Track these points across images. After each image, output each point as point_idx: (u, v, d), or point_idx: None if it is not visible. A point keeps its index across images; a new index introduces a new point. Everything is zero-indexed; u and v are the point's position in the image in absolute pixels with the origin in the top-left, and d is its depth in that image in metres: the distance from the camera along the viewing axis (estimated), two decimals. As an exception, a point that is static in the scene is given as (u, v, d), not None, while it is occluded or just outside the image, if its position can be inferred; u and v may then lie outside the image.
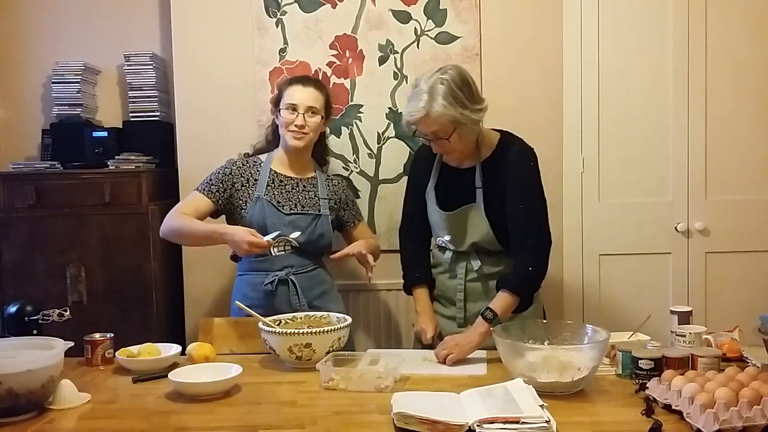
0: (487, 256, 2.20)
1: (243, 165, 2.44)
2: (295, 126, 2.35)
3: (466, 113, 2.03)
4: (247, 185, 2.39)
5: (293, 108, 2.36)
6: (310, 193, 2.44)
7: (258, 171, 2.42)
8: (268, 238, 2.20)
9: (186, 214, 2.32)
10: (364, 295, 3.00)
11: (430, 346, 2.15)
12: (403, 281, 2.35)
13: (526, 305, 2.14)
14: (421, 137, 2.13)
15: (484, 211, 2.15)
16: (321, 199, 2.44)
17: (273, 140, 2.52)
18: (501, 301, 2.07)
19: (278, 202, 2.38)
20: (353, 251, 2.35)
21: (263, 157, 2.47)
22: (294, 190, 2.42)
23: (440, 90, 2.00)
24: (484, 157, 2.18)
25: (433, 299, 2.31)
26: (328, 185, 2.50)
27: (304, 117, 2.35)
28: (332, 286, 2.52)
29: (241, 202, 2.38)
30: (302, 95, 2.37)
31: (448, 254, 2.25)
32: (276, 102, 2.43)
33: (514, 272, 2.11)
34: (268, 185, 2.39)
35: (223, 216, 2.44)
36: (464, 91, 2.04)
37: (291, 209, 2.38)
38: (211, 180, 2.40)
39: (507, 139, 2.20)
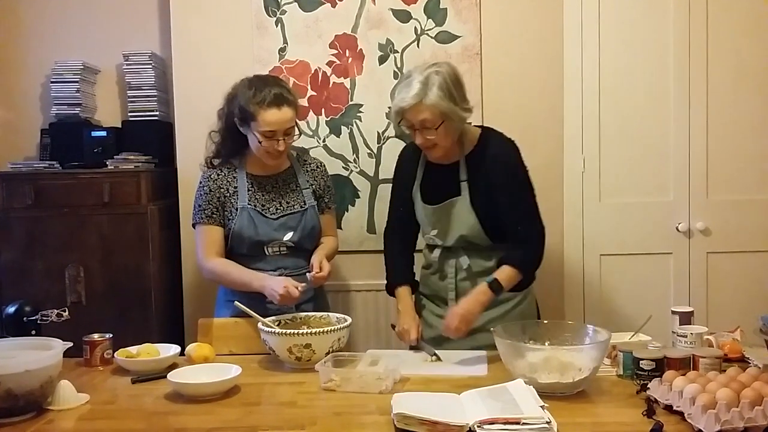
0: (476, 252, 2.20)
1: (218, 176, 2.31)
2: (276, 150, 2.23)
3: (456, 109, 2.07)
4: (229, 195, 2.30)
5: (272, 135, 2.20)
6: (291, 185, 2.36)
7: (235, 178, 2.31)
8: (300, 286, 2.14)
9: (214, 255, 2.27)
10: (363, 296, 2.99)
11: (416, 348, 2.15)
12: (386, 281, 2.33)
13: (523, 286, 2.19)
14: (406, 128, 2.14)
15: (471, 204, 2.16)
16: (303, 189, 2.37)
17: (223, 149, 2.35)
18: (505, 273, 2.10)
19: (263, 206, 2.30)
20: (314, 263, 2.26)
21: (236, 162, 2.34)
22: (275, 189, 2.34)
23: (435, 81, 2.04)
24: (467, 151, 2.20)
25: (424, 297, 2.31)
26: (307, 170, 2.41)
27: (284, 140, 2.22)
28: (321, 292, 2.46)
29: (227, 213, 2.30)
30: (279, 119, 2.18)
31: (437, 252, 2.25)
32: (242, 119, 2.23)
33: (517, 250, 2.13)
34: (248, 191, 2.31)
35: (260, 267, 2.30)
36: (457, 88, 2.09)
37: (277, 210, 2.31)
38: (200, 206, 2.30)
39: (488, 133, 2.24)
